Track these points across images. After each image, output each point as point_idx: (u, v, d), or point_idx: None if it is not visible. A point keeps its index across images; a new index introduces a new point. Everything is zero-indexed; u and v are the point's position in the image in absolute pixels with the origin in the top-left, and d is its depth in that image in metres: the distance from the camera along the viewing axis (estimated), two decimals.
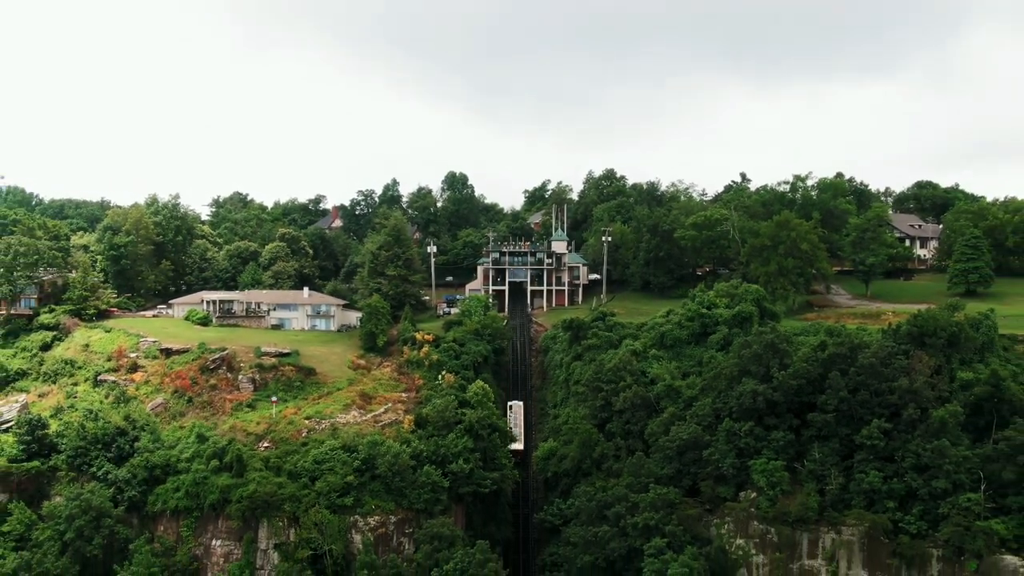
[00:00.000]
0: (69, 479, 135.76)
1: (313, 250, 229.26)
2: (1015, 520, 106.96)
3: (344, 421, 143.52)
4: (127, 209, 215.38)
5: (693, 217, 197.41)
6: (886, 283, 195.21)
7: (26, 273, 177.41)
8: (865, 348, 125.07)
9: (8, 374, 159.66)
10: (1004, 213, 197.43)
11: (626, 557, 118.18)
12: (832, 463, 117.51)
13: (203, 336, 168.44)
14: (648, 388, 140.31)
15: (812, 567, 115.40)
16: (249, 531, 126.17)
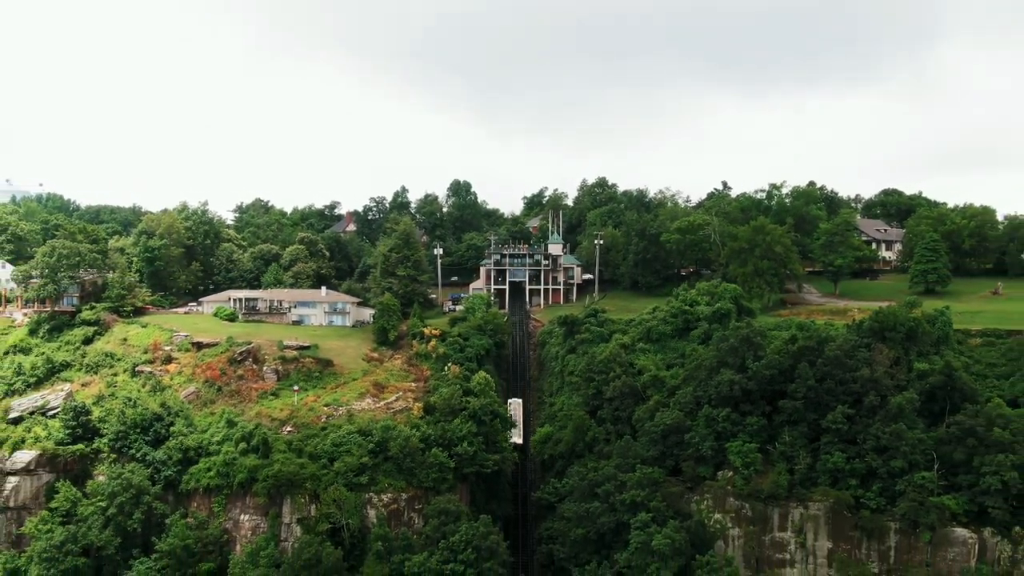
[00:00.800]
0: (111, 460, 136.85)
1: (329, 252, 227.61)
2: (965, 496, 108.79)
3: (359, 408, 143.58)
4: (160, 215, 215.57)
5: (678, 222, 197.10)
6: (853, 282, 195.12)
7: (69, 274, 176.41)
8: (831, 341, 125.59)
9: (54, 365, 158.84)
10: (961, 219, 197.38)
11: (615, 530, 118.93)
12: (800, 445, 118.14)
13: (230, 331, 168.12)
14: (635, 378, 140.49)
15: (782, 539, 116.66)
16: (274, 507, 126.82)
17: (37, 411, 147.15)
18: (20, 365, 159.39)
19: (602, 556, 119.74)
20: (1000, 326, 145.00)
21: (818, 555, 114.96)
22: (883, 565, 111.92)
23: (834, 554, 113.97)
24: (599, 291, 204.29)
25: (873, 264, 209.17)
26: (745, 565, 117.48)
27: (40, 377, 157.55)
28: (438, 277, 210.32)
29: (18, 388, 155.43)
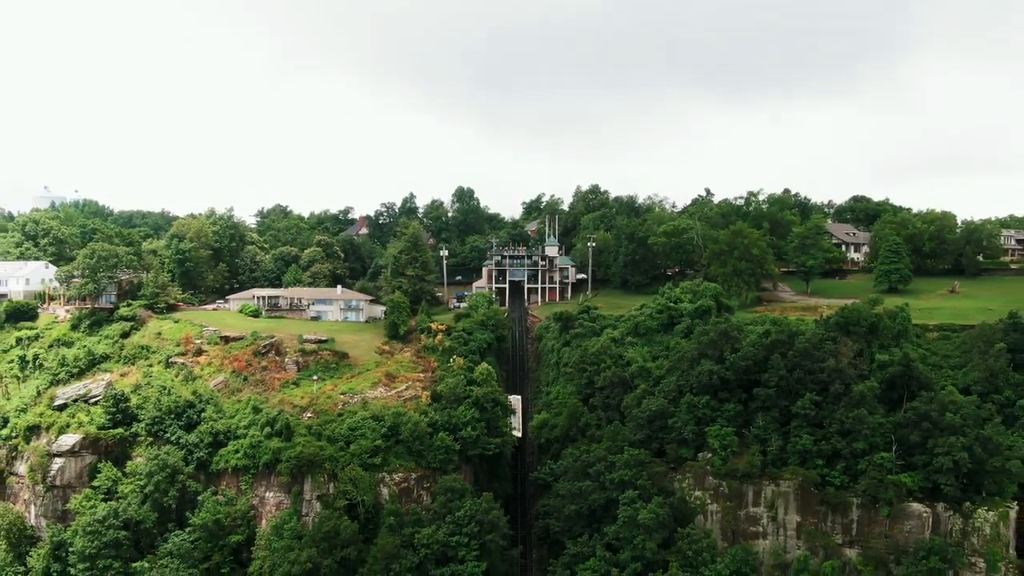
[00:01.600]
0: (148, 443, 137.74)
1: (344, 254, 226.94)
2: (920, 474, 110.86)
3: (373, 396, 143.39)
4: (190, 220, 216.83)
5: (664, 226, 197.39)
6: (824, 282, 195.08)
7: (107, 274, 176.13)
8: (801, 335, 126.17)
9: (95, 357, 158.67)
10: (922, 223, 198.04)
11: (604, 506, 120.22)
12: (772, 429, 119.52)
13: (255, 326, 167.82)
14: (624, 369, 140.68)
15: (756, 513, 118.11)
16: (296, 485, 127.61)
17: (80, 399, 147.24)
18: (64, 357, 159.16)
19: (593, 529, 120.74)
20: (955, 321, 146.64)
21: (788, 528, 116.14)
22: (846, 537, 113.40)
23: (802, 527, 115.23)
24: (592, 290, 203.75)
25: (842, 265, 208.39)
26: (722, 537, 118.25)
27: (82, 368, 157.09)
28: (444, 277, 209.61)
29: (62, 378, 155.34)
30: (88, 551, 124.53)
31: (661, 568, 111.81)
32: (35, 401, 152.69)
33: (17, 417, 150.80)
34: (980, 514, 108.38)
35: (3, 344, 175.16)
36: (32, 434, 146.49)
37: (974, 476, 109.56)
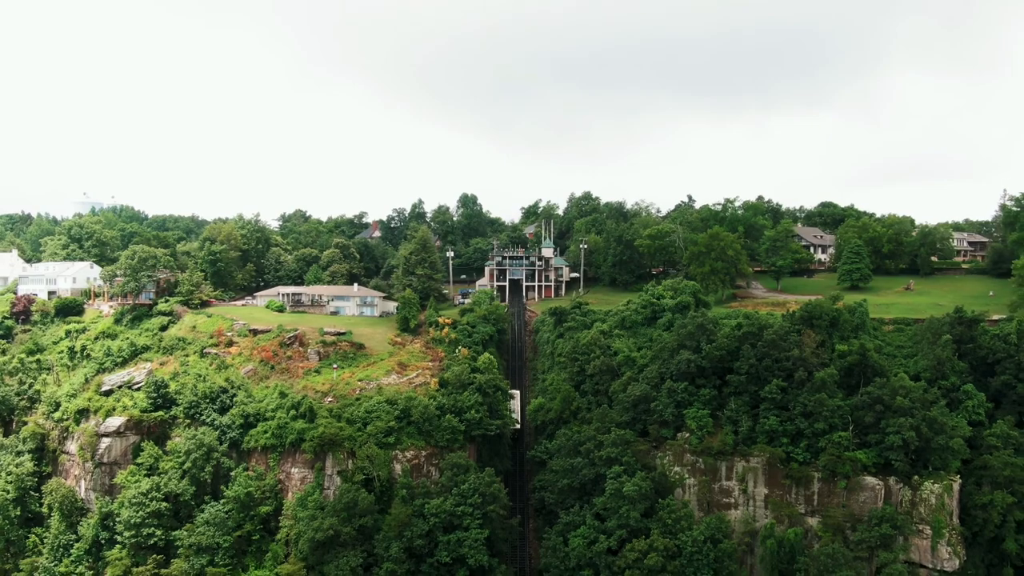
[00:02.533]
0: (185, 424, 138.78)
1: (359, 255, 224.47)
2: (873, 451, 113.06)
3: (387, 382, 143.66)
4: (221, 225, 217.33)
5: (649, 230, 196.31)
6: (793, 280, 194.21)
7: (147, 273, 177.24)
8: (769, 328, 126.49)
9: (136, 348, 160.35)
10: (882, 227, 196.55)
11: (594, 480, 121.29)
12: (743, 411, 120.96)
13: (280, 320, 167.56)
14: (612, 358, 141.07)
15: (728, 487, 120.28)
16: (319, 462, 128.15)
17: (124, 385, 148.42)
18: (109, 348, 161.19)
19: (583, 501, 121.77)
20: (909, 315, 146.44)
21: (756, 499, 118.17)
22: (808, 507, 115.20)
23: (769, 498, 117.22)
24: (583, 287, 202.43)
25: (810, 264, 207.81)
26: (698, 508, 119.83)
27: (125, 358, 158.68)
28: (450, 275, 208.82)
29: (108, 367, 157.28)
30: (133, 520, 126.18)
31: (644, 535, 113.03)
32: (83, 387, 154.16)
33: (68, 401, 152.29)
34: (927, 487, 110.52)
35: (54, 336, 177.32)
36: (81, 417, 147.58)
37: (921, 453, 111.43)
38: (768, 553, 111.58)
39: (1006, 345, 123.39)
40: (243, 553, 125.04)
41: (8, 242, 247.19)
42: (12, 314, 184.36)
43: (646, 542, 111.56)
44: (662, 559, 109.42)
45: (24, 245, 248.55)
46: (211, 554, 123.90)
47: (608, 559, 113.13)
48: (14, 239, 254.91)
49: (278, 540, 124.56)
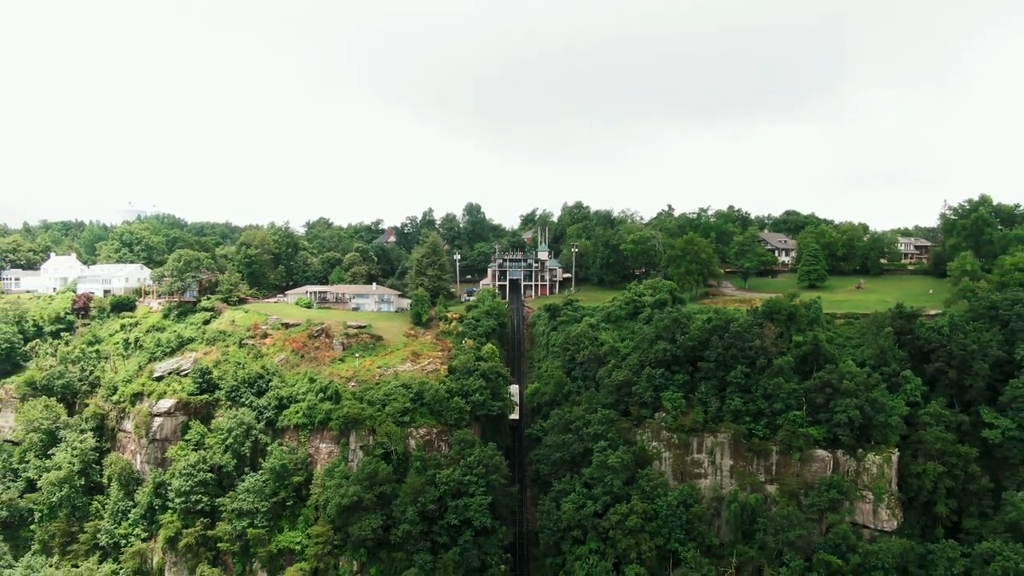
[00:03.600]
0: (227, 406, 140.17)
1: (377, 258, 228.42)
2: (823, 428, 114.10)
3: (402, 369, 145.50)
4: (255, 231, 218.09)
5: (632, 236, 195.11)
6: (759, 280, 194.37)
7: (191, 274, 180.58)
8: (735, 321, 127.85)
9: (183, 340, 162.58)
10: (837, 233, 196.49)
11: (582, 454, 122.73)
12: (712, 394, 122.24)
13: (308, 315, 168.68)
14: (599, 348, 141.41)
15: (699, 459, 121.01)
16: (344, 438, 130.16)
17: (173, 372, 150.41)
18: (159, 339, 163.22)
19: (573, 472, 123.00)
20: (858, 311, 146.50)
21: (723, 470, 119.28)
22: (767, 476, 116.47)
23: (734, 468, 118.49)
24: (575, 286, 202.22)
25: (774, 266, 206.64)
26: (673, 477, 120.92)
27: (173, 348, 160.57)
28: (457, 276, 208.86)
29: (158, 356, 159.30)
30: (183, 489, 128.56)
31: (625, 500, 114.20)
32: (137, 374, 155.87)
33: (124, 386, 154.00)
34: (869, 458, 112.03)
35: (110, 329, 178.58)
36: (136, 399, 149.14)
37: (865, 429, 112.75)
38: (732, 516, 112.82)
39: (939, 336, 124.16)
40: (278, 516, 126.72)
41: (67, 246, 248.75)
42: (73, 310, 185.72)
43: (627, 506, 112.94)
44: (641, 521, 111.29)
45: (80, 249, 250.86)
46: (251, 517, 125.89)
47: (595, 521, 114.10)
48: (71, 244, 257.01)
49: (309, 505, 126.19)
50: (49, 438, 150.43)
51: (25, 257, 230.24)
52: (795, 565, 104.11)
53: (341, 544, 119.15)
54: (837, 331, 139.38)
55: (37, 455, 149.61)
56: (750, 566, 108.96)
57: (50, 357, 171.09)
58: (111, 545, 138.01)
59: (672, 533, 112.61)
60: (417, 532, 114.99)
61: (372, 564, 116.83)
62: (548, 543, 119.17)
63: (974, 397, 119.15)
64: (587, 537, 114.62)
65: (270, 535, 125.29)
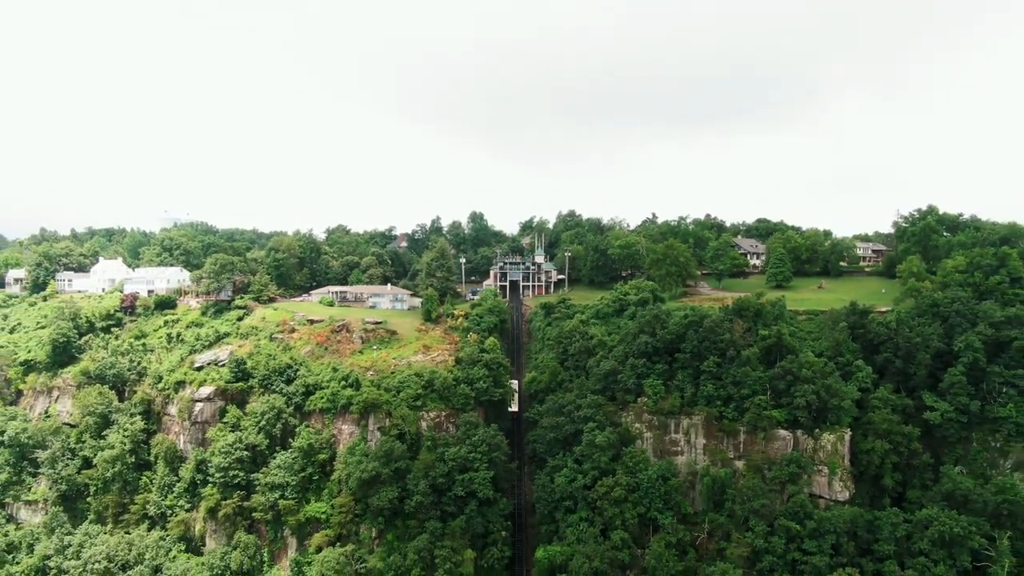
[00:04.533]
0: (260, 392, 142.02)
1: (390, 261, 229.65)
2: (785, 410, 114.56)
3: (414, 360, 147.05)
4: (283, 237, 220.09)
5: (619, 241, 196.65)
6: (732, 280, 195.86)
7: (226, 276, 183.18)
8: (709, 317, 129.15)
9: (219, 334, 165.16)
10: (801, 239, 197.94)
11: (573, 434, 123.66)
12: (688, 381, 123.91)
13: (330, 312, 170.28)
14: (588, 341, 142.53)
15: (676, 438, 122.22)
16: (363, 420, 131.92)
17: (212, 363, 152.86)
18: (198, 334, 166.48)
19: (566, 450, 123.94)
20: (818, 308, 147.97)
21: (697, 448, 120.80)
22: (736, 453, 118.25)
23: (706, 447, 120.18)
24: (568, 287, 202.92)
25: (745, 268, 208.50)
26: (653, 454, 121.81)
27: (211, 341, 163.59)
28: (462, 277, 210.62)
29: (198, 348, 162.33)
30: (222, 465, 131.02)
31: (611, 474, 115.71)
32: (179, 364, 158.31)
33: (168, 375, 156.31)
34: (825, 437, 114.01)
35: (154, 325, 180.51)
36: (179, 387, 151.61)
37: (821, 411, 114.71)
38: (705, 488, 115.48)
39: (888, 330, 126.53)
40: (306, 489, 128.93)
41: (112, 251, 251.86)
42: (122, 308, 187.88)
43: (613, 480, 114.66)
44: (625, 492, 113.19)
45: (124, 253, 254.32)
46: (282, 490, 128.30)
47: (584, 492, 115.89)
48: (116, 249, 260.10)
49: (332, 480, 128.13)
50: (103, 421, 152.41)
51: (76, 261, 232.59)
52: (759, 530, 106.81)
53: (361, 513, 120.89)
54: (799, 326, 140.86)
55: (92, 436, 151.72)
56: (720, 531, 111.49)
57: (102, 350, 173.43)
58: (158, 515, 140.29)
59: (652, 503, 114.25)
60: (428, 502, 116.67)
61: (389, 531, 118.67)
62: (543, 512, 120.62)
63: (917, 384, 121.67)
64: (577, 507, 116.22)
65: (299, 506, 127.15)
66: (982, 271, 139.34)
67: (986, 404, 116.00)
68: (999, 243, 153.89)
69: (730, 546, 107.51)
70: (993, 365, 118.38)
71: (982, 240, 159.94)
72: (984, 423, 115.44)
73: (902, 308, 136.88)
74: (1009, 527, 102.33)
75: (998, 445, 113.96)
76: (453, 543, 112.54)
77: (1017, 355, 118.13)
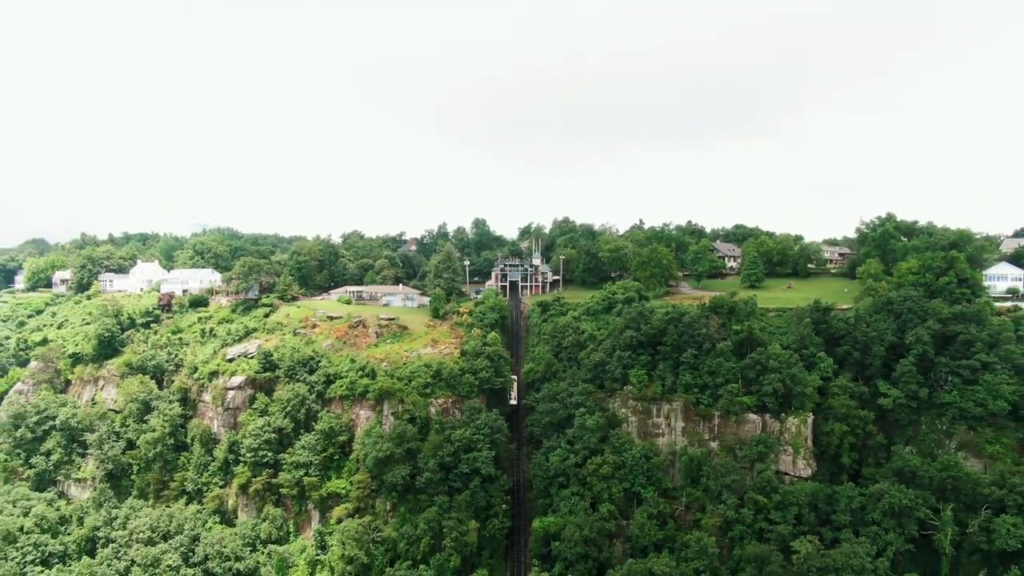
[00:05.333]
0: (285, 381, 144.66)
1: (401, 263, 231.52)
2: (754, 397, 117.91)
3: (424, 352, 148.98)
4: (304, 242, 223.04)
5: (609, 245, 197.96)
6: (710, 281, 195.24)
7: (254, 277, 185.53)
8: (687, 314, 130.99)
9: (248, 329, 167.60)
10: (773, 243, 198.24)
11: (566, 418, 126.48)
12: (668, 371, 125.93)
13: (348, 310, 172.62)
14: (580, 335, 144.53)
15: (658, 422, 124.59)
16: (379, 406, 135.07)
17: (242, 355, 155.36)
18: (229, 329, 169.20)
19: (559, 432, 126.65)
20: (787, 306, 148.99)
21: (676, 430, 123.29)
22: (711, 435, 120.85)
23: (685, 429, 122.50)
24: (562, 287, 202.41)
25: (723, 270, 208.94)
26: (637, 436, 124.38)
27: (241, 336, 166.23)
28: (466, 278, 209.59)
29: (229, 342, 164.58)
30: (252, 446, 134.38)
31: (600, 454, 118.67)
32: (212, 356, 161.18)
33: (203, 366, 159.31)
34: (790, 420, 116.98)
35: (189, 321, 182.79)
36: (213, 376, 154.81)
37: (786, 397, 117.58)
38: (683, 465, 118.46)
39: (847, 325, 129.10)
40: (327, 468, 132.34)
41: (149, 255, 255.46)
42: (159, 306, 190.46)
43: (601, 459, 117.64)
44: (612, 469, 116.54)
45: (159, 256, 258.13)
46: (306, 468, 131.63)
47: (575, 470, 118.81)
48: (152, 252, 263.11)
49: (351, 459, 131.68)
50: (144, 407, 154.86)
51: (116, 263, 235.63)
52: (730, 502, 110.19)
53: (377, 489, 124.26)
54: (769, 322, 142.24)
55: (135, 421, 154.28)
56: (696, 504, 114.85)
57: (142, 344, 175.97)
58: (195, 491, 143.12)
59: (636, 479, 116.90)
60: (437, 479, 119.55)
61: (402, 504, 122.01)
62: (539, 487, 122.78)
63: (873, 373, 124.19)
64: (570, 483, 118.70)
65: (321, 482, 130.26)
66: (932, 272, 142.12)
67: (933, 391, 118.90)
68: (949, 247, 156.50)
69: (705, 517, 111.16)
70: (940, 357, 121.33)
71: (934, 245, 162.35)
72: (932, 408, 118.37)
73: (861, 306, 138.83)
74: (953, 500, 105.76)
75: (944, 428, 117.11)
76: (459, 515, 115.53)
77: (962, 347, 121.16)
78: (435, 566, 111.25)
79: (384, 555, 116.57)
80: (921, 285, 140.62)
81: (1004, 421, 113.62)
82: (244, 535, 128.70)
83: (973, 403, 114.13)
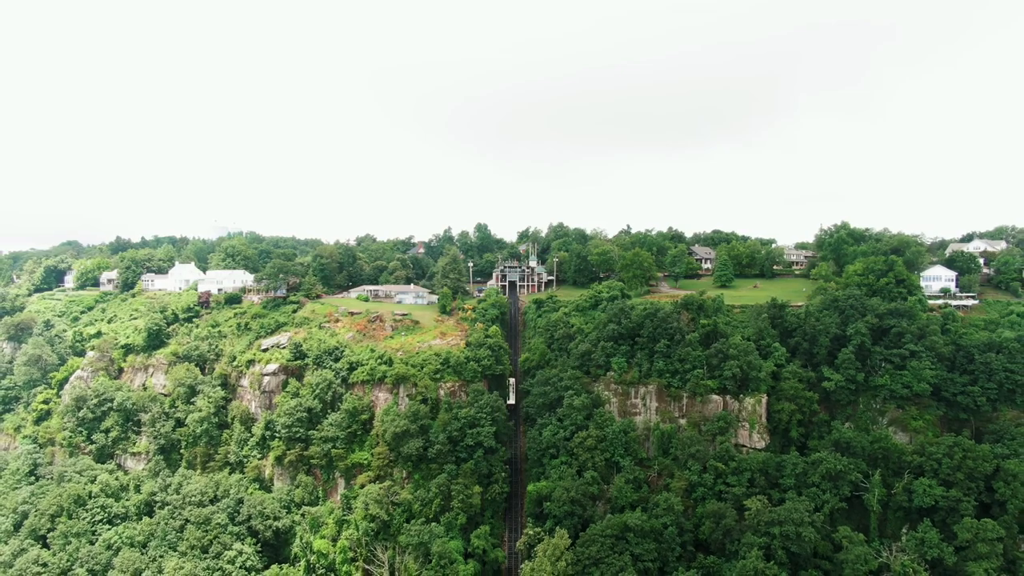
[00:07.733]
0: (314, 368, 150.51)
1: (412, 264, 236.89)
2: (717, 381, 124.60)
3: (434, 343, 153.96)
4: (326, 246, 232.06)
5: (597, 249, 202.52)
6: (687, 281, 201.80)
7: (282, 277, 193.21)
8: (662, 310, 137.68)
9: (279, 323, 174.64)
10: (743, 247, 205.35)
11: (557, 399, 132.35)
12: (645, 359, 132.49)
13: (366, 306, 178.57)
14: (570, 328, 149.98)
15: (635, 403, 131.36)
16: (395, 389, 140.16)
17: (274, 346, 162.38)
18: (262, 323, 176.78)
19: (551, 411, 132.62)
20: (750, 303, 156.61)
21: (651, 410, 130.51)
22: (680, 413, 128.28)
23: (658, 409, 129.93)
24: (556, 286, 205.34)
25: (699, 271, 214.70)
26: (618, 414, 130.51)
27: (272, 329, 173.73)
28: (470, 278, 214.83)
29: (262, 335, 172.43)
30: (286, 424, 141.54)
31: (585, 429, 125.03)
32: (248, 347, 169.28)
33: (240, 355, 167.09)
34: (747, 400, 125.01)
35: (225, 316, 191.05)
36: (250, 364, 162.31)
37: (744, 381, 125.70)
38: (656, 439, 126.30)
39: (799, 320, 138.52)
40: (352, 442, 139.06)
41: (185, 257, 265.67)
42: (199, 303, 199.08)
43: (586, 433, 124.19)
44: (595, 442, 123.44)
45: (193, 258, 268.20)
46: (333, 442, 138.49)
47: (564, 443, 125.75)
48: (188, 255, 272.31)
49: (372, 434, 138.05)
50: (190, 391, 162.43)
51: (156, 265, 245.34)
52: (695, 468, 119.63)
53: (395, 459, 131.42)
54: (733, 317, 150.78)
55: (183, 402, 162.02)
56: (666, 471, 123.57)
57: (186, 336, 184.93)
58: (236, 462, 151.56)
59: (616, 450, 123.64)
60: (446, 450, 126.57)
61: (416, 472, 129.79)
62: (533, 458, 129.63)
63: (819, 360, 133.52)
64: (559, 453, 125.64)
65: (346, 454, 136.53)
66: (875, 274, 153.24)
67: (869, 376, 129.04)
68: (891, 252, 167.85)
69: (673, 481, 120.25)
70: (876, 346, 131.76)
71: (878, 250, 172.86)
72: (868, 390, 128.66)
73: (812, 303, 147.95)
74: (882, 467, 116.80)
75: (877, 407, 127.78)
76: (465, 481, 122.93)
77: (894, 338, 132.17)
78: (445, 523, 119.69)
79: (401, 515, 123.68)
80: (865, 285, 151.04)
81: (927, 401, 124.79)
82: (281, 499, 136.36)
83: (901, 385, 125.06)
